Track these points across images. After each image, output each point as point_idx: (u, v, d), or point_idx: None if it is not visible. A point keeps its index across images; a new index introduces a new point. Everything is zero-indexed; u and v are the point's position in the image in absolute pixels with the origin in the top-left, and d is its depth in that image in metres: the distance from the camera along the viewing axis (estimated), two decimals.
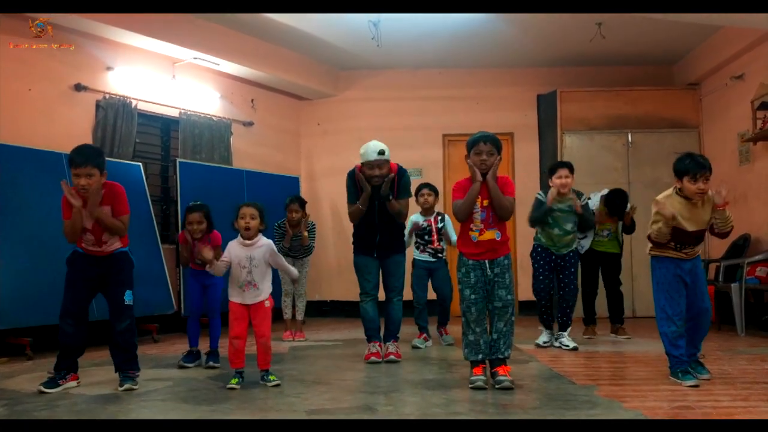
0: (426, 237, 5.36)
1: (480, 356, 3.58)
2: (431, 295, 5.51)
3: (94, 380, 3.90)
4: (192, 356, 4.49)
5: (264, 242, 3.69)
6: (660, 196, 3.69)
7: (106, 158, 5.21)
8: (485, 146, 3.63)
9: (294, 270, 3.94)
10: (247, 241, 3.63)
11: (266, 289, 3.70)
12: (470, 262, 3.64)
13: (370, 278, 4.61)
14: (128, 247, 3.82)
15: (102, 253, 3.69)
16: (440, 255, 5.41)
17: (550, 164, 5.12)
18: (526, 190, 7.53)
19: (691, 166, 3.56)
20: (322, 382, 3.79)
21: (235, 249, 3.65)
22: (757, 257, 5.86)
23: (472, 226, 3.62)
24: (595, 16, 6.37)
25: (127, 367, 3.69)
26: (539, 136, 8.09)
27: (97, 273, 3.69)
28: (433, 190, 5.40)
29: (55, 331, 4.93)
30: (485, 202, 3.60)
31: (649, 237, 3.69)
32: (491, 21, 6.59)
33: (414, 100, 8.12)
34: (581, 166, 7.31)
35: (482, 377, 3.52)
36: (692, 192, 3.56)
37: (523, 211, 5.55)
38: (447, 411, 2.97)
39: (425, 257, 5.42)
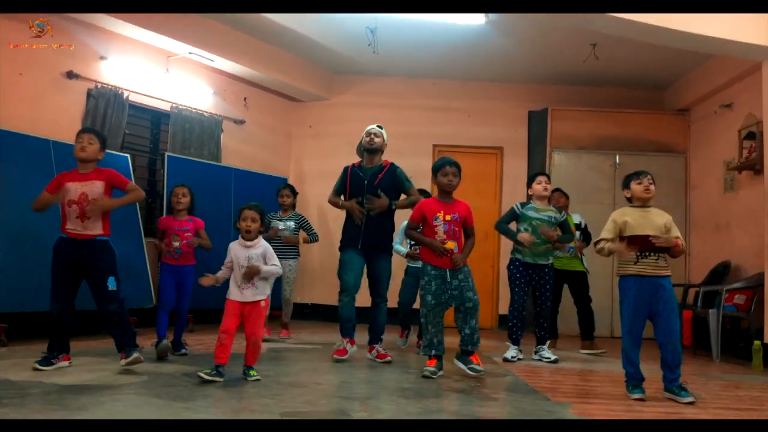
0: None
1: (433, 352, 4.21)
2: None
3: (69, 369, 3.87)
4: (178, 346, 4.76)
5: (263, 244, 3.89)
6: (615, 212, 3.93)
7: None
8: (451, 169, 4.28)
9: (279, 268, 3.97)
10: (248, 243, 3.83)
11: (265, 289, 3.87)
12: (433, 272, 4.21)
13: (353, 275, 4.74)
14: (110, 236, 4.03)
15: (84, 236, 3.89)
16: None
17: (530, 176, 5.46)
18: (511, 204, 7.57)
19: (634, 174, 3.93)
20: (299, 384, 3.78)
21: (235, 249, 3.85)
22: (735, 285, 5.92)
23: (435, 237, 4.21)
24: (590, 36, 6.43)
25: (127, 342, 3.94)
26: (528, 152, 8.14)
27: (79, 258, 3.88)
28: (427, 195, 5.47)
29: (31, 317, 4.98)
30: (447, 217, 4.22)
31: (595, 244, 3.90)
32: (487, 34, 6.63)
33: (406, 108, 8.14)
34: (569, 184, 7.36)
35: (434, 368, 4.13)
36: (640, 192, 3.84)
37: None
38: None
39: (417, 264, 5.42)
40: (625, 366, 3.77)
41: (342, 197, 4.96)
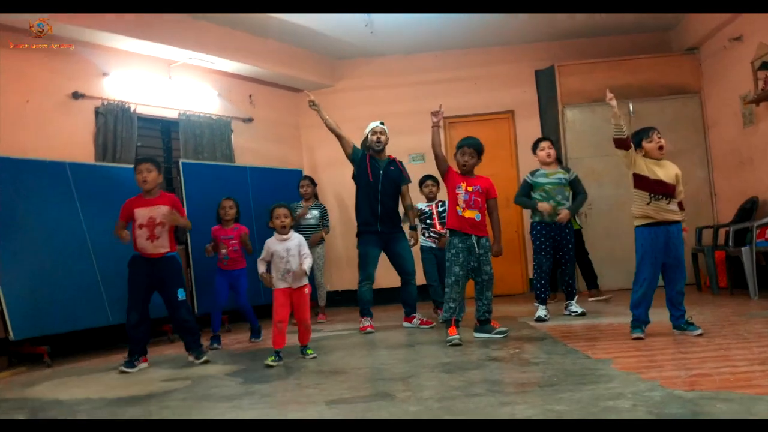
0: (428, 221, 5.91)
1: (455, 316, 4.51)
2: None
3: (113, 383, 3.94)
4: (214, 339, 5.23)
5: (296, 236, 4.31)
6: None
7: (109, 164, 5.47)
8: (468, 149, 4.59)
9: (310, 260, 4.32)
10: (284, 237, 4.24)
11: (304, 276, 4.25)
12: (460, 245, 4.50)
13: (374, 266, 5.42)
14: (176, 252, 4.56)
15: (155, 255, 4.36)
16: (444, 238, 5.59)
17: (533, 143, 5.62)
18: (528, 167, 7.50)
19: (642, 132, 4.20)
20: (340, 371, 3.81)
21: (273, 244, 4.24)
22: (766, 220, 5.83)
23: (457, 202, 4.52)
24: None
25: (195, 346, 4.45)
26: (540, 112, 8.05)
27: (152, 273, 4.36)
28: (436, 181, 5.94)
29: (70, 337, 5.12)
30: (469, 188, 4.53)
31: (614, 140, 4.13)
32: None
33: (412, 85, 8.08)
34: (585, 139, 7.32)
35: (458, 336, 4.39)
36: (655, 149, 4.10)
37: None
38: (465, 393, 2.98)
39: (430, 243, 5.88)
40: (632, 308, 4.11)
41: (348, 141, 5.57)
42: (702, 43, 7.38)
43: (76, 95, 5.82)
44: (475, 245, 4.51)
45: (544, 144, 5.44)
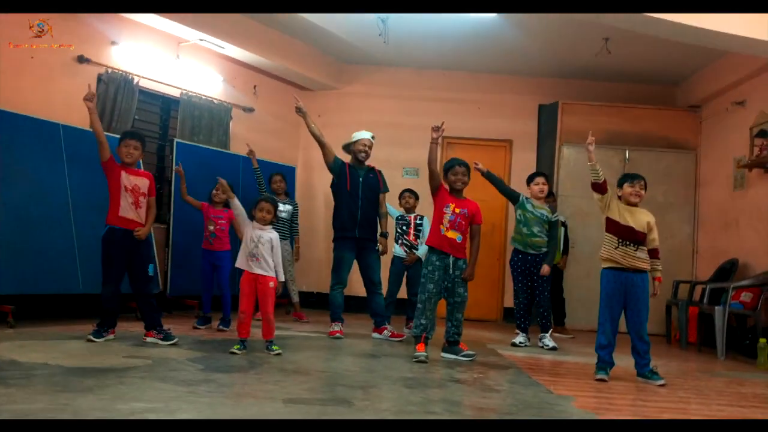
0: (404, 227, 6.02)
1: (424, 334, 4.50)
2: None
3: (74, 352, 3.90)
4: (203, 320, 5.46)
5: (274, 233, 4.46)
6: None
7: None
8: (460, 168, 4.64)
9: (281, 275, 4.48)
10: (262, 227, 4.41)
11: (269, 267, 4.36)
12: (437, 262, 4.52)
13: (347, 269, 5.49)
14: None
15: (133, 225, 4.41)
16: (414, 250, 5.91)
17: (529, 175, 5.79)
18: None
19: (628, 175, 4.34)
20: (302, 371, 3.80)
21: (250, 227, 4.44)
22: (743, 282, 5.89)
23: (442, 221, 4.54)
24: (603, 30, 6.38)
25: (158, 324, 4.48)
26: (538, 145, 8.11)
27: (127, 247, 4.40)
28: (414, 194, 6.11)
29: (38, 299, 5.09)
30: (457, 210, 4.55)
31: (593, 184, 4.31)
32: (499, 26, 6.60)
33: (415, 99, 8.12)
34: (577, 179, 7.36)
35: (425, 353, 4.38)
36: (629, 193, 4.22)
37: (510, 223, 5.66)
38: (423, 410, 2.98)
39: (402, 253, 5.95)
40: (596, 350, 4.17)
41: (330, 150, 5.56)
42: (705, 103, 7.48)
43: (81, 59, 5.79)
44: (452, 266, 4.53)
45: (539, 179, 5.58)
